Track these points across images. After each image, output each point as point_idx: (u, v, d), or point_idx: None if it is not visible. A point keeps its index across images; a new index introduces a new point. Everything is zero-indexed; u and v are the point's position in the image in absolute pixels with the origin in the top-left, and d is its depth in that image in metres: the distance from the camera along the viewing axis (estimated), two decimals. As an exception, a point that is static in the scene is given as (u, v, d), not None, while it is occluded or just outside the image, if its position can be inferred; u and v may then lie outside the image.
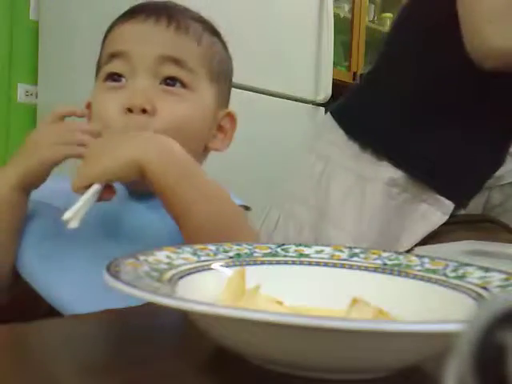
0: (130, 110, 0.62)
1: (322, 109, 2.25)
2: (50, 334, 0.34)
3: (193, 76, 0.66)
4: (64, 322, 0.36)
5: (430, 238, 0.96)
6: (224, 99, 0.73)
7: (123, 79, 0.65)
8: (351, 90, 1.10)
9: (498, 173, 1.05)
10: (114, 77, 0.66)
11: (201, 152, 0.70)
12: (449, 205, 0.97)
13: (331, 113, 1.07)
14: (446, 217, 0.97)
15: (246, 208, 0.67)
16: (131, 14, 0.68)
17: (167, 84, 0.65)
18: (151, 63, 0.64)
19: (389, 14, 3.21)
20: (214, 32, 0.72)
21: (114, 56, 0.66)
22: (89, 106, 0.70)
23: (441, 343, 0.25)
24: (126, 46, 0.65)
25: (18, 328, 0.34)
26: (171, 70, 0.65)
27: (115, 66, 0.66)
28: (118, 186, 0.61)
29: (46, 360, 0.30)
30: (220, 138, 0.72)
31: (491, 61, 0.85)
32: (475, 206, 1.07)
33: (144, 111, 0.62)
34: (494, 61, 0.85)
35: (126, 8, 0.69)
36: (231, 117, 0.73)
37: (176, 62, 0.65)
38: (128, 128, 0.61)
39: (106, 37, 0.70)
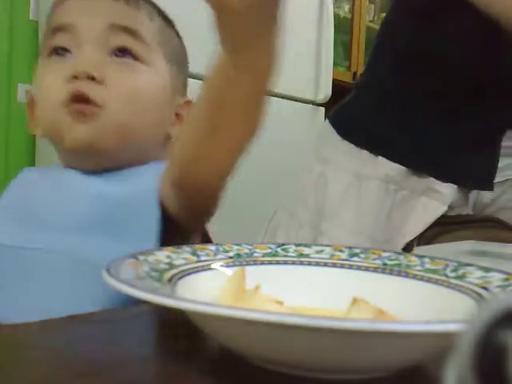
0: (75, 78, 0.57)
1: (322, 109, 2.25)
2: (50, 333, 0.34)
3: (148, 49, 0.61)
4: (64, 321, 0.36)
5: (433, 238, 0.97)
6: (182, 86, 0.68)
7: (68, 54, 0.60)
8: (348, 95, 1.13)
9: None
10: (59, 51, 0.60)
11: (162, 139, 0.65)
12: (448, 195, 0.98)
13: (328, 117, 1.10)
14: (445, 207, 0.98)
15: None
16: None
17: (117, 56, 0.60)
18: (99, 34, 0.59)
19: (389, 14, 3.21)
20: (168, 20, 0.67)
21: (58, 30, 0.61)
22: (32, 101, 0.65)
23: (441, 343, 0.25)
24: (71, 18, 0.60)
25: (18, 328, 0.34)
26: (123, 40, 0.60)
27: (59, 40, 0.60)
28: None
29: (46, 360, 0.30)
30: (179, 126, 0.66)
31: None
32: (466, 204, 1.07)
33: (92, 79, 0.57)
34: None
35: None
36: (190, 105, 0.68)
37: (128, 31, 0.60)
38: (73, 95, 0.56)
39: (49, 16, 0.65)
